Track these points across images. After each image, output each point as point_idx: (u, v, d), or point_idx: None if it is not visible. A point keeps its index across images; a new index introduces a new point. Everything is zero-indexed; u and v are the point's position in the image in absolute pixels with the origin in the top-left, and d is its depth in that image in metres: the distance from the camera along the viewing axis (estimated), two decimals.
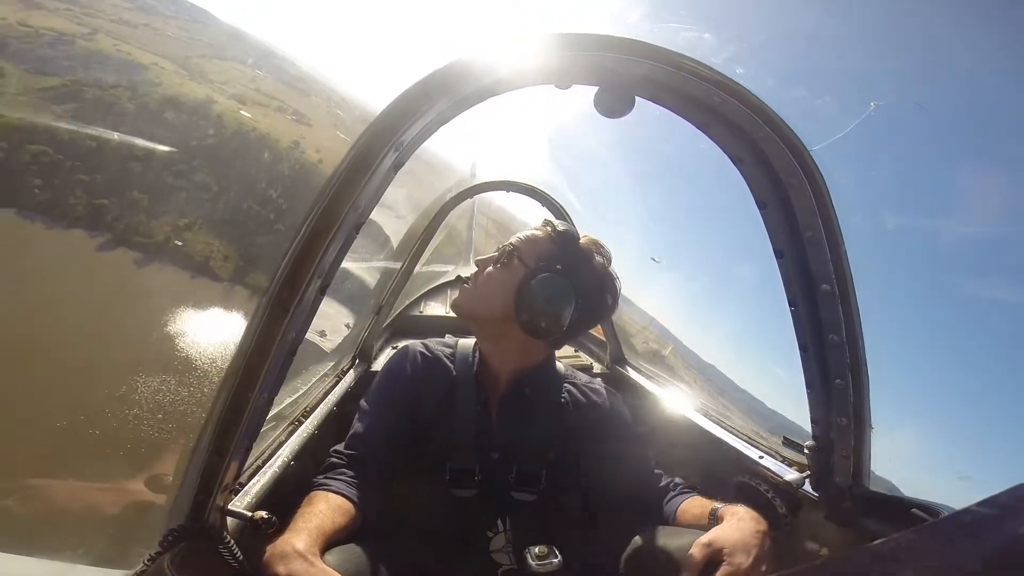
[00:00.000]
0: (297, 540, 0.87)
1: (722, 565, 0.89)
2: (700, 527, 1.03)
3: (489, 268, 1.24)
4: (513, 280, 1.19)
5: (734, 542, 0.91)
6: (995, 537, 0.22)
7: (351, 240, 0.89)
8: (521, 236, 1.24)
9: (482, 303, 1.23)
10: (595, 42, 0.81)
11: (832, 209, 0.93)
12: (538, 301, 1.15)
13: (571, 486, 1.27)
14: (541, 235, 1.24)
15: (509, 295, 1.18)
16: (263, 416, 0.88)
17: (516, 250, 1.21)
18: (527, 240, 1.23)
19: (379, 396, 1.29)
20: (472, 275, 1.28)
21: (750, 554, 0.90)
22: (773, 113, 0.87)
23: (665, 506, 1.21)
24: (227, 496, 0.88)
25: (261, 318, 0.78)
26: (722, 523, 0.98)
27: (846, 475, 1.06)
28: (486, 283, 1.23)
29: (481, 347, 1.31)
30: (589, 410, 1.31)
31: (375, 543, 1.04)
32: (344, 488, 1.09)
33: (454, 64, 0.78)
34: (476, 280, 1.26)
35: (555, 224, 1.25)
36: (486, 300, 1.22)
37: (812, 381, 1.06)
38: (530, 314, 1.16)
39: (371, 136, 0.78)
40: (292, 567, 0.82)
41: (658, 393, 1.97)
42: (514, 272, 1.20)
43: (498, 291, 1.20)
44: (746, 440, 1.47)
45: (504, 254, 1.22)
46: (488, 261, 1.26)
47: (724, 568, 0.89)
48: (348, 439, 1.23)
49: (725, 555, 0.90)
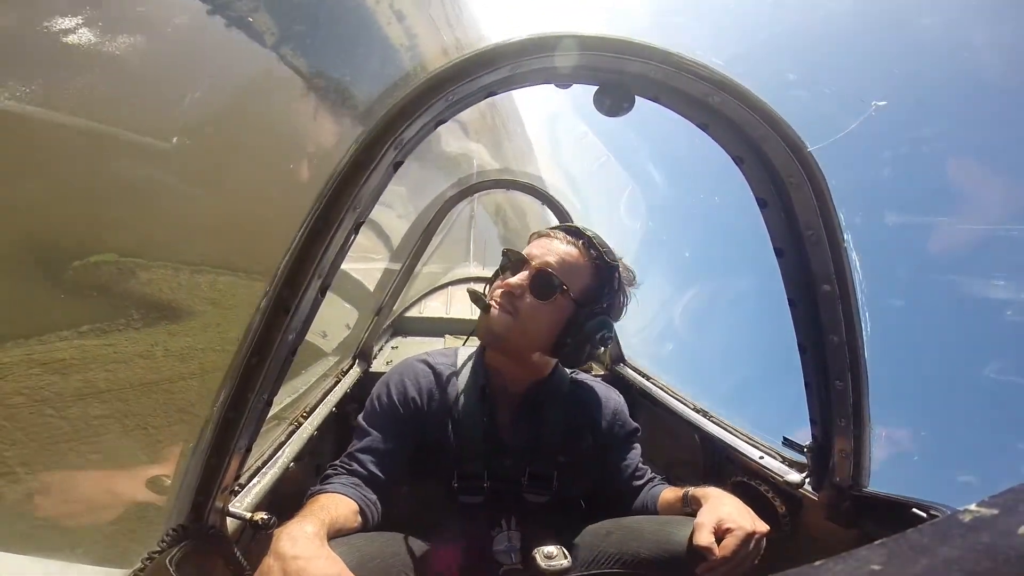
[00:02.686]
0: (307, 523, 0.87)
1: (728, 535, 0.93)
2: (677, 511, 1.13)
3: (530, 298, 1.10)
4: (560, 318, 1.11)
5: (728, 512, 0.97)
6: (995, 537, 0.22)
7: (351, 240, 0.89)
8: (559, 257, 1.11)
9: (523, 337, 1.12)
10: (595, 42, 0.81)
11: (833, 208, 0.93)
12: (585, 342, 1.11)
13: (579, 485, 1.28)
14: (583, 262, 1.13)
15: (554, 333, 1.12)
16: (263, 417, 0.88)
17: (559, 280, 1.09)
18: (569, 264, 1.11)
19: (378, 413, 1.21)
20: (496, 296, 1.14)
21: (747, 516, 0.97)
22: (774, 112, 0.87)
23: (647, 495, 1.27)
24: (227, 496, 0.88)
25: (261, 318, 0.78)
26: (707, 502, 1.03)
27: (846, 475, 1.06)
28: (532, 317, 1.10)
29: (491, 361, 1.24)
30: (594, 409, 1.31)
31: (379, 537, 1.05)
32: (348, 491, 1.08)
33: (453, 63, 0.78)
34: (514, 309, 1.11)
35: (597, 247, 1.13)
36: (528, 335, 1.12)
37: (812, 381, 1.06)
38: (572, 352, 1.13)
39: (371, 134, 0.78)
40: (299, 547, 0.82)
41: (658, 393, 1.97)
42: (561, 310, 1.11)
43: (543, 328, 1.12)
44: (746, 440, 1.47)
45: (547, 283, 1.09)
46: (521, 286, 1.11)
47: (732, 536, 0.93)
48: (347, 455, 1.18)
49: (727, 525, 0.94)
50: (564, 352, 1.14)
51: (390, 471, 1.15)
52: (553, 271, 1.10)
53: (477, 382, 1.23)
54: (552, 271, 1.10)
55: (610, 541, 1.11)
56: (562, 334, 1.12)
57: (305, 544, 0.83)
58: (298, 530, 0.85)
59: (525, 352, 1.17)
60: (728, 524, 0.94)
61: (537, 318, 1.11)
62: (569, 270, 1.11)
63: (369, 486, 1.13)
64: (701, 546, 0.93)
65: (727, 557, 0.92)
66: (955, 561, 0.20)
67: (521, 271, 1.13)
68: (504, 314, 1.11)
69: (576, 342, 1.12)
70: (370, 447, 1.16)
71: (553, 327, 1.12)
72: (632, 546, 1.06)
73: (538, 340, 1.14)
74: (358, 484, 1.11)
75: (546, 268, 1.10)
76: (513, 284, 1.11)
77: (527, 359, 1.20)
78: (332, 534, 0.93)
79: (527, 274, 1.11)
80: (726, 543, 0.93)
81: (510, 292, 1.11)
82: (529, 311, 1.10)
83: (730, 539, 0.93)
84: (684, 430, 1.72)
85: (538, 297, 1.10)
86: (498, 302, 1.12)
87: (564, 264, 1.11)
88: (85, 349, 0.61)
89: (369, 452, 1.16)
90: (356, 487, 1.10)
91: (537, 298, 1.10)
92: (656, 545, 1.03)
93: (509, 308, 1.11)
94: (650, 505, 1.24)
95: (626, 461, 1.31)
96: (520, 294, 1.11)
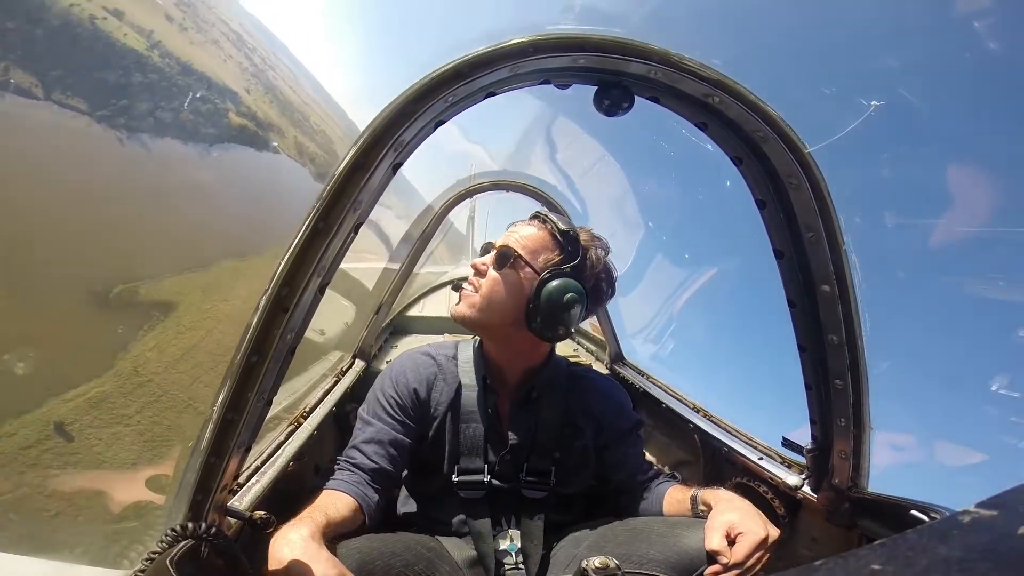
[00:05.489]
0: (303, 527, 0.88)
1: (740, 539, 0.93)
2: (684, 511, 1.14)
3: (491, 272, 1.18)
4: (522, 285, 1.15)
5: (741, 516, 0.97)
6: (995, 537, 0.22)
7: (351, 240, 0.89)
8: (520, 236, 1.18)
9: (490, 311, 1.17)
10: (594, 42, 0.81)
11: (832, 209, 0.92)
12: (551, 307, 1.11)
13: (577, 481, 1.28)
14: (541, 233, 1.18)
15: (520, 302, 1.15)
16: (262, 416, 0.88)
17: (516, 252, 1.16)
18: (529, 240, 1.17)
19: (381, 404, 1.23)
20: (470, 279, 1.22)
21: (759, 520, 0.97)
22: (773, 112, 0.87)
23: (652, 493, 1.27)
24: (226, 496, 0.88)
25: (260, 318, 0.78)
26: (718, 505, 1.03)
27: (845, 476, 1.06)
28: (493, 290, 1.16)
29: (489, 351, 1.27)
30: (594, 402, 1.31)
31: (379, 538, 1.05)
32: (348, 488, 1.09)
33: (453, 64, 0.78)
34: (477, 286, 1.19)
35: (552, 220, 1.19)
36: (494, 308, 1.17)
37: (811, 382, 1.06)
38: (543, 320, 1.13)
39: (371, 135, 0.78)
40: (297, 552, 0.82)
41: (658, 393, 1.97)
42: (522, 277, 1.15)
43: (507, 298, 1.15)
44: (745, 441, 1.47)
45: (506, 256, 1.16)
46: (486, 264, 1.20)
47: (744, 541, 0.93)
48: (349, 448, 1.19)
49: (739, 529, 0.94)
50: (537, 321, 1.14)
51: (393, 461, 1.17)
52: (511, 247, 1.17)
53: (478, 372, 1.25)
54: (510, 247, 1.17)
55: (617, 541, 1.10)
56: (529, 302, 1.15)
57: (302, 548, 0.83)
58: (294, 534, 0.86)
59: (500, 327, 1.20)
60: (740, 528, 0.94)
61: (498, 289, 1.17)
62: (529, 245, 1.17)
63: (372, 478, 1.14)
64: (713, 550, 0.93)
65: (739, 562, 0.91)
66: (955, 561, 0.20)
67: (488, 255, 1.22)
68: (470, 292, 1.20)
69: (543, 307, 1.12)
70: (373, 438, 1.18)
71: (519, 297, 1.15)
72: (640, 547, 1.06)
73: (505, 311, 1.16)
74: (359, 480, 1.12)
75: (506, 246, 1.18)
76: (477, 263, 1.21)
77: (510, 338, 1.21)
78: (330, 534, 0.93)
79: (492, 255, 1.20)
80: (738, 548, 0.92)
81: (477, 273, 1.21)
82: (490, 284, 1.17)
83: (742, 544, 0.92)
84: (684, 430, 1.72)
85: (497, 269, 1.17)
86: (467, 283, 1.22)
87: (523, 240, 1.18)
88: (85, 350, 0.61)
89: (372, 443, 1.17)
90: (356, 483, 1.11)
91: (496, 271, 1.17)
92: (665, 547, 1.03)
93: (475, 285, 1.20)
94: (656, 503, 1.24)
95: (628, 456, 1.31)
96: (484, 271, 1.19)
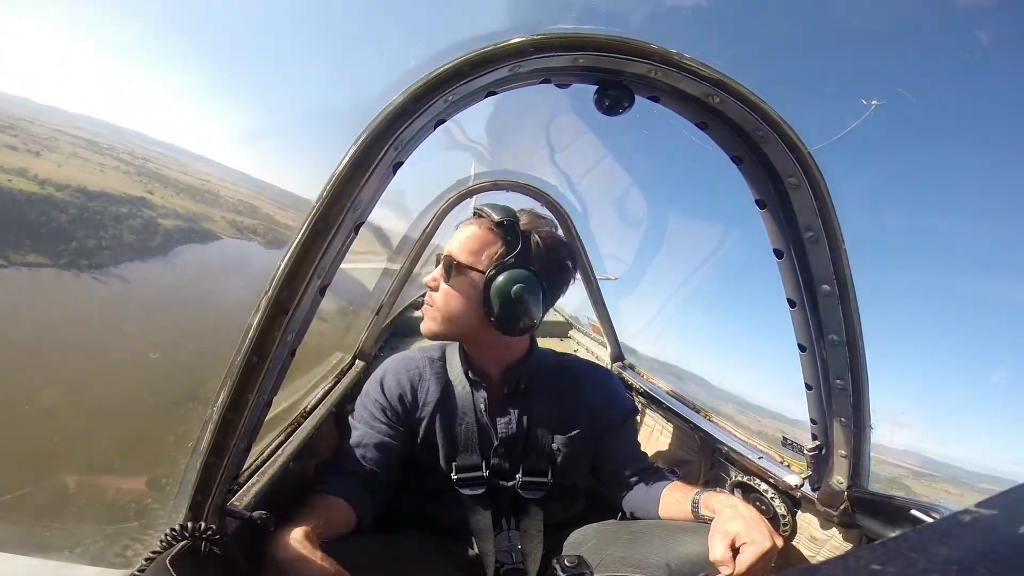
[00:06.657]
0: (297, 530, 0.88)
1: (745, 549, 0.92)
2: (682, 514, 1.13)
3: (442, 285, 1.18)
4: (472, 289, 1.14)
5: (746, 525, 0.95)
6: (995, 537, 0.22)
7: (351, 240, 0.89)
8: (461, 240, 1.17)
9: (451, 323, 1.18)
10: (595, 41, 0.81)
11: (832, 209, 0.92)
12: (503, 303, 1.11)
13: (575, 471, 1.28)
14: (481, 231, 1.16)
15: (474, 305, 1.14)
16: (262, 417, 0.88)
17: (457, 260, 1.15)
18: (469, 241, 1.16)
19: (367, 408, 1.23)
20: (427, 296, 1.23)
21: (764, 530, 0.95)
22: (773, 112, 0.87)
23: (648, 487, 1.26)
24: (226, 496, 0.88)
25: (260, 319, 0.78)
26: (722, 512, 1.01)
27: (845, 476, 1.06)
28: (448, 303, 1.17)
29: (469, 349, 1.28)
30: (585, 391, 1.31)
31: (375, 539, 1.05)
32: (338, 490, 1.09)
33: (453, 63, 0.78)
34: (432, 302, 1.20)
35: (487, 212, 1.17)
36: (454, 319, 1.17)
37: (811, 381, 1.06)
38: (503, 316, 1.12)
39: (371, 134, 0.78)
40: (291, 554, 0.83)
41: (657, 394, 1.97)
42: (469, 280, 1.14)
43: (461, 306, 1.15)
44: (745, 441, 1.47)
45: (450, 267, 1.16)
46: (437, 280, 1.20)
47: (749, 552, 0.92)
48: (338, 453, 1.20)
49: (744, 539, 0.93)
50: (496, 316, 1.13)
51: (380, 464, 1.17)
52: (453, 256, 1.16)
53: (462, 372, 1.26)
54: (452, 256, 1.16)
55: (618, 544, 1.10)
56: (483, 303, 1.14)
57: (299, 549, 0.84)
58: (291, 536, 0.86)
59: (468, 332, 1.21)
60: (745, 539, 0.93)
61: (451, 300, 1.17)
62: (470, 247, 1.16)
63: (363, 481, 1.14)
64: (717, 560, 0.92)
65: (743, 573, 0.90)
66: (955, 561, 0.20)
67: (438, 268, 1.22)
68: (427, 308, 1.21)
69: (496, 302, 1.12)
70: (360, 442, 1.18)
71: (474, 300, 1.15)
72: (642, 550, 1.05)
73: (467, 318, 1.16)
74: (350, 482, 1.12)
75: (449, 255, 1.17)
76: (428, 281, 1.22)
77: (481, 340, 1.22)
78: (324, 536, 0.93)
79: (440, 269, 1.20)
80: (743, 558, 0.91)
81: (430, 289, 1.22)
82: (444, 297, 1.18)
83: (747, 554, 0.91)
84: (684, 430, 1.72)
85: (447, 282, 1.18)
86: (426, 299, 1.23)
87: (465, 244, 1.17)
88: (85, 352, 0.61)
89: (360, 447, 1.18)
90: (347, 485, 1.11)
91: (446, 283, 1.18)
92: (667, 551, 1.02)
93: (430, 302, 1.21)
94: (652, 500, 1.23)
95: (622, 443, 1.31)
96: (435, 287, 1.20)
